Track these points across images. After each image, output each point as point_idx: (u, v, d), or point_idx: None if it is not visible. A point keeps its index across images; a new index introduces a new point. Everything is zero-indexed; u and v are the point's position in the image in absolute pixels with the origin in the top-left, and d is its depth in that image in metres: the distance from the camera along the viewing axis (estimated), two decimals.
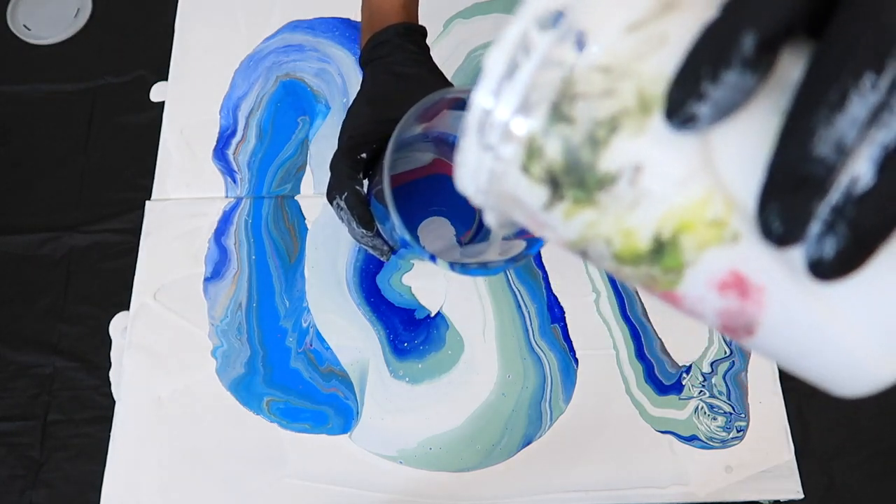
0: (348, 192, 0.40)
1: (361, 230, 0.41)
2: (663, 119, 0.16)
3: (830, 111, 0.14)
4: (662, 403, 0.54)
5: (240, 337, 0.56)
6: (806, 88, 0.14)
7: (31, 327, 0.58)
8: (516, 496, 0.52)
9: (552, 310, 0.57)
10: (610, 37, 0.16)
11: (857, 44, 0.14)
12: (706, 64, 0.15)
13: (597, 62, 0.16)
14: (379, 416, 0.54)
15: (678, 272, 0.17)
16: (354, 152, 0.41)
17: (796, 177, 0.14)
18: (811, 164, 0.14)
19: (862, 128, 0.14)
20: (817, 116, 0.14)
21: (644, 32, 0.16)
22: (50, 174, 0.63)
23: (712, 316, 0.18)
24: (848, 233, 0.14)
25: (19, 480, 0.54)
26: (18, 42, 0.69)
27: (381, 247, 0.43)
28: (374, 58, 0.45)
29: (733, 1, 0.15)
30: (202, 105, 0.64)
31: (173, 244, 0.59)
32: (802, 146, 0.14)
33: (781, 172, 0.15)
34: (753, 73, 0.14)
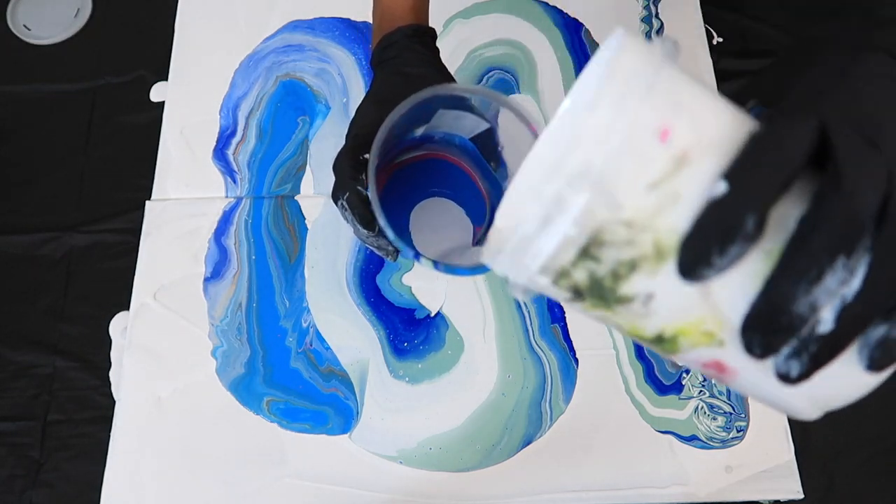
0: (350, 193, 0.40)
1: (365, 231, 0.41)
2: (675, 268, 0.19)
3: (809, 284, 0.18)
4: (662, 403, 0.54)
5: (240, 337, 0.56)
6: (790, 259, 0.18)
7: (31, 327, 0.58)
8: (516, 496, 0.52)
9: (552, 310, 0.57)
10: (634, 196, 0.19)
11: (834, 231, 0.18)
12: (715, 241, 0.18)
13: (622, 218, 0.19)
14: (379, 416, 0.54)
15: (674, 352, 0.22)
16: (357, 152, 0.41)
17: (776, 322, 0.18)
18: (789, 316, 0.18)
19: (832, 294, 0.18)
20: (798, 285, 0.18)
21: (661, 190, 0.19)
22: (50, 174, 0.63)
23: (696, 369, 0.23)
24: (809, 362, 0.19)
25: (19, 480, 0.54)
26: (18, 42, 0.69)
27: (387, 247, 0.43)
28: (383, 59, 0.45)
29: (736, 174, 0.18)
30: (202, 105, 0.64)
31: (173, 244, 0.59)
32: (783, 303, 0.18)
33: (765, 317, 0.19)
34: (753, 241, 0.18)
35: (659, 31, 0.68)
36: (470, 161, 0.47)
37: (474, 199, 0.48)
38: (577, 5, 0.69)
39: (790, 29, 0.70)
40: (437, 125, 0.44)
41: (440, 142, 0.46)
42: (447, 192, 0.48)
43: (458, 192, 0.48)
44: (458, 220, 0.48)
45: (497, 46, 0.67)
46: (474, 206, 0.48)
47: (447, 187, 0.48)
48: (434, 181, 0.48)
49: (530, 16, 0.68)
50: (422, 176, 0.47)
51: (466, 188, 0.48)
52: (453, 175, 0.48)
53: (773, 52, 0.69)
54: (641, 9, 0.69)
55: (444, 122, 0.44)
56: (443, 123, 0.44)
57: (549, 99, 0.64)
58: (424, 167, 0.47)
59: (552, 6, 0.69)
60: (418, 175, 0.47)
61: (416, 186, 0.48)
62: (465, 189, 0.48)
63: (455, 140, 0.46)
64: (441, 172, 0.48)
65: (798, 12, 0.71)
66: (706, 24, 0.69)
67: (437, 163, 0.47)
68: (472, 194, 0.48)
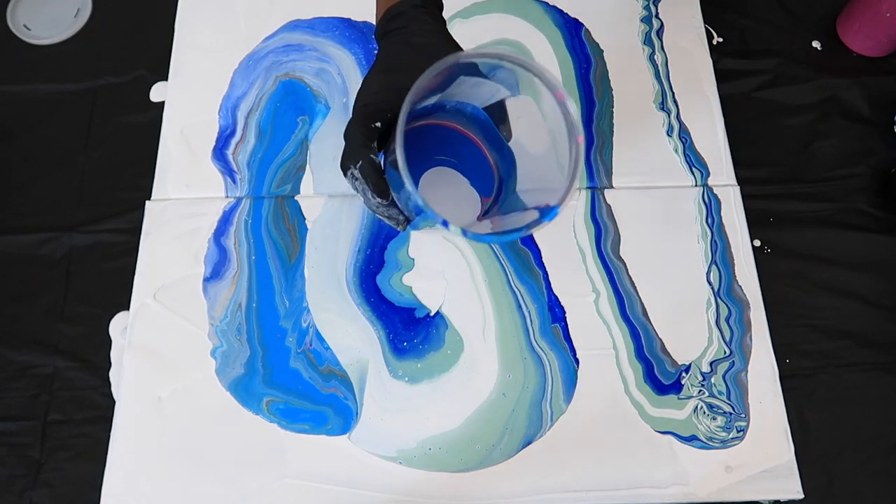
0: (363, 161, 0.40)
1: (377, 200, 0.40)
2: None
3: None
4: (661, 403, 0.54)
5: (239, 337, 0.56)
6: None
7: (31, 327, 0.58)
8: (516, 496, 0.52)
9: (553, 310, 0.57)
10: None
11: None
12: None
13: None
14: (378, 416, 0.54)
15: None
16: (369, 121, 0.41)
17: None
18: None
19: None
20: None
21: None
22: (50, 174, 0.63)
23: None
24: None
25: (19, 480, 0.54)
26: (18, 42, 0.69)
27: (397, 216, 0.42)
28: (389, 30, 0.44)
29: None
30: (202, 105, 0.64)
31: (173, 244, 0.59)
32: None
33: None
34: None
35: (659, 31, 0.68)
36: (479, 131, 0.46)
37: (482, 171, 0.47)
38: (577, 5, 0.69)
39: (790, 29, 0.70)
40: (452, 94, 0.42)
41: (451, 111, 0.45)
42: (454, 162, 0.47)
43: (465, 163, 0.46)
44: (465, 192, 0.47)
45: (497, 46, 0.67)
46: (482, 177, 0.47)
47: (455, 157, 0.47)
48: (442, 150, 0.46)
49: (530, 16, 0.68)
50: (429, 144, 0.46)
51: (475, 159, 0.47)
52: (462, 145, 0.46)
53: (773, 52, 0.69)
54: (641, 9, 0.69)
55: (461, 91, 0.42)
56: (460, 92, 0.42)
57: (549, 99, 0.64)
58: (432, 135, 0.46)
59: (552, 6, 0.69)
60: (426, 143, 0.45)
61: (423, 155, 0.46)
62: (473, 159, 0.47)
63: (467, 109, 0.44)
64: (449, 142, 0.46)
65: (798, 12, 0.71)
66: (706, 24, 0.69)
67: (445, 131, 0.46)
68: (480, 165, 0.47)
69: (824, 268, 0.60)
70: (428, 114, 0.44)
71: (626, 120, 0.64)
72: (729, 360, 0.55)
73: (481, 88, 0.42)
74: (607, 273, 0.58)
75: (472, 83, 0.41)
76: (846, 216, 0.62)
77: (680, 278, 0.58)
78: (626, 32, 0.68)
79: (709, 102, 0.65)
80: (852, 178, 0.64)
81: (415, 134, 0.44)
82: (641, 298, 0.57)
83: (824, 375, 0.57)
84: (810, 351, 0.57)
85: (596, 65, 0.66)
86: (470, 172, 0.47)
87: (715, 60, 0.67)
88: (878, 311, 0.59)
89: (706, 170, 0.62)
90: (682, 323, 0.57)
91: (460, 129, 0.46)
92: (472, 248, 0.59)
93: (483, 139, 0.46)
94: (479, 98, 0.43)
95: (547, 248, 0.59)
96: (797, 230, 0.61)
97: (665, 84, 0.65)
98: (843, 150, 0.65)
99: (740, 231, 0.60)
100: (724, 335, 0.56)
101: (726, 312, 0.57)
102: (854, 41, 0.68)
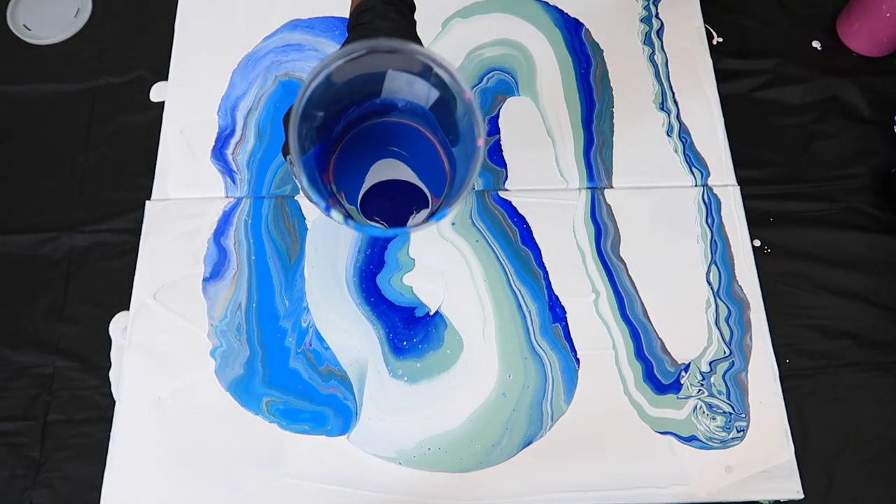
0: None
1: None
2: None
3: None
4: (660, 403, 0.54)
5: (239, 337, 0.56)
6: None
7: (31, 327, 0.58)
8: (516, 496, 0.52)
9: (553, 310, 0.57)
10: None
11: None
12: None
13: None
14: (378, 416, 0.54)
15: None
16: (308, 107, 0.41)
17: None
18: None
19: None
20: None
21: None
22: (50, 174, 0.63)
23: None
24: None
25: (19, 480, 0.54)
26: (18, 42, 0.69)
27: None
28: (357, 24, 0.45)
29: None
30: (202, 105, 0.64)
31: (173, 244, 0.59)
32: None
33: None
34: None
35: (659, 31, 0.68)
36: (432, 131, 0.46)
37: (435, 169, 0.47)
38: (577, 5, 0.69)
39: (790, 29, 0.70)
40: (393, 89, 0.43)
41: (404, 110, 0.45)
42: (406, 157, 0.47)
43: (418, 160, 0.47)
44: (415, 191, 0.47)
45: (496, 46, 0.67)
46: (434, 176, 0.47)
47: (408, 152, 0.47)
48: (395, 143, 0.47)
49: (530, 15, 0.68)
50: (384, 137, 0.46)
51: (428, 157, 0.47)
52: (416, 141, 0.47)
53: (773, 52, 0.69)
54: (641, 9, 0.69)
55: (398, 87, 0.42)
56: (398, 89, 0.43)
57: (549, 99, 0.64)
58: (388, 129, 0.46)
59: (552, 6, 0.69)
60: (381, 136, 0.46)
61: (376, 146, 0.47)
62: (426, 157, 0.47)
63: (418, 109, 0.45)
64: (404, 137, 0.46)
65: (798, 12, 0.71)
66: (706, 24, 0.69)
67: (401, 126, 0.46)
68: (433, 163, 0.47)
69: (824, 268, 0.60)
70: (383, 111, 0.44)
71: (626, 120, 0.64)
72: (728, 360, 0.55)
73: (416, 87, 0.42)
74: (607, 273, 0.58)
75: (403, 80, 0.42)
76: (846, 216, 0.62)
77: (680, 278, 0.58)
78: (626, 32, 0.68)
79: (709, 102, 0.65)
80: (852, 178, 0.64)
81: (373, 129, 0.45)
82: (641, 298, 0.57)
83: (824, 375, 0.57)
84: (810, 351, 0.57)
85: (596, 65, 0.66)
86: (423, 173, 0.47)
87: (715, 60, 0.67)
88: (878, 311, 0.59)
89: (706, 170, 0.62)
90: (682, 323, 0.57)
91: (417, 126, 0.46)
92: (472, 249, 0.59)
93: (437, 139, 0.46)
94: (419, 97, 0.43)
95: (547, 248, 0.59)
96: (797, 230, 0.61)
97: (665, 84, 0.65)
98: (843, 150, 0.65)
99: (740, 231, 0.60)
100: (724, 335, 0.56)
101: (726, 312, 0.57)
102: (854, 41, 0.68)
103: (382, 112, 0.45)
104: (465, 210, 0.60)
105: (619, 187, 0.61)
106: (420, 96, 0.43)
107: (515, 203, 0.60)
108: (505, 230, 0.59)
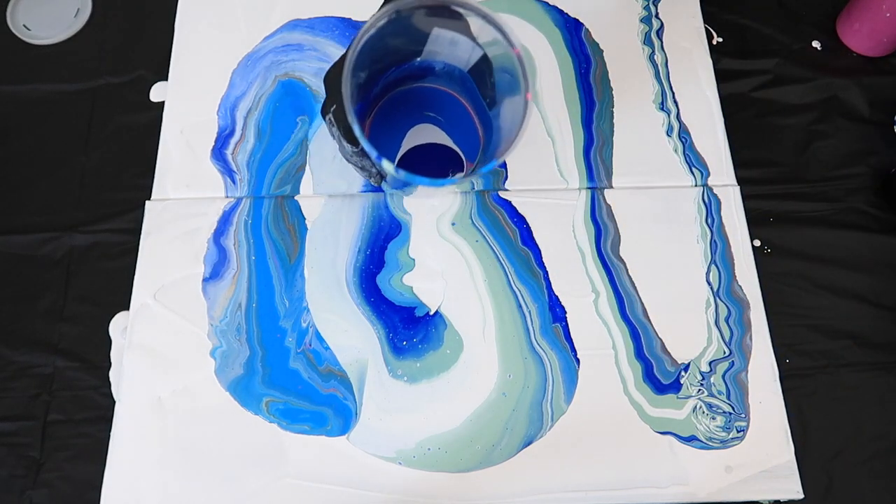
0: (337, 105, 0.40)
1: (350, 146, 0.41)
2: None
3: None
4: (660, 403, 0.54)
5: (239, 337, 0.56)
6: None
7: (31, 327, 0.58)
8: (516, 496, 0.52)
9: (553, 309, 0.57)
10: None
11: None
12: None
13: None
14: (377, 416, 0.54)
15: None
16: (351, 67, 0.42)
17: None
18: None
19: None
20: None
21: None
22: (50, 174, 0.63)
23: None
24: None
25: (19, 480, 0.54)
26: (18, 42, 0.69)
27: (370, 168, 0.43)
28: None
29: None
30: (202, 105, 0.64)
31: (173, 244, 0.59)
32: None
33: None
34: None
35: (659, 31, 0.68)
36: (468, 96, 0.47)
37: (469, 135, 0.47)
38: (577, 5, 0.69)
39: (790, 29, 0.70)
40: (434, 51, 0.43)
41: (441, 74, 0.45)
42: (442, 123, 0.48)
43: (453, 126, 0.47)
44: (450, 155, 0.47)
45: (496, 46, 0.66)
46: (468, 141, 0.47)
47: (443, 117, 0.48)
48: (431, 109, 0.47)
49: (530, 15, 0.68)
50: (420, 102, 0.47)
51: (462, 122, 0.47)
52: (451, 107, 0.47)
53: (773, 52, 0.69)
54: (641, 9, 0.69)
55: (442, 49, 0.42)
56: (441, 50, 0.43)
57: (549, 99, 0.64)
58: (423, 94, 0.46)
59: (552, 6, 0.69)
60: (417, 101, 0.46)
61: (412, 111, 0.47)
62: (460, 123, 0.47)
63: (455, 73, 0.45)
64: (439, 102, 0.47)
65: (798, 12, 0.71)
66: (706, 24, 0.69)
67: (436, 92, 0.47)
68: (467, 129, 0.47)
69: (824, 268, 0.60)
70: (420, 75, 0.44)
71: (626, 120, 0.64)
72: (728, 360, 0.55)
73: (459, 47, 0.42)
74: (607, 273, 0.58)
75: (447, 39, 0.41)
76: (846, 216, 0.62)
77: (680, 278, 0.58)
78: (626, 32, 0.68)
79: (709, 102, 0.65)
80: (852, 178, 0.64)
81: (409, 94, 0.45)
82: (641, 298, 0.57)
83: (824, 375, 0.57)
84: (810, 351, 0.57)
85: (596, 65, 0.66)
86: (458, 137, 0.47)
87: (715, 60, 0.67)
88: (878, 311, 0.59)
89: (706, 170, 0.62)
90: (682, 323, 0.57)
91: (452, 92, 0.46)
92: (472, 249, 0.59)
93: (471, 103, 0.46)
94: (461, 59, 0.43)
95: (547, 248, 0.59)
96: (797, 230, 0.61)
97: (665, 84, 0.65)
98: (843, 150, 0.65)
99: (740, 231, 0.60)
100: (724, 335, 0.56)
101: (726, 312, 0.57)
102: (854, 41, 0.68)
103: (419, 76, 0.45)
104: (465, 210, 0.60)
105: (619, 187, 0.61)
106: (461, 58, 0.43)
107: (515, 203, 0.60)
108: (505, 230, 0.59)
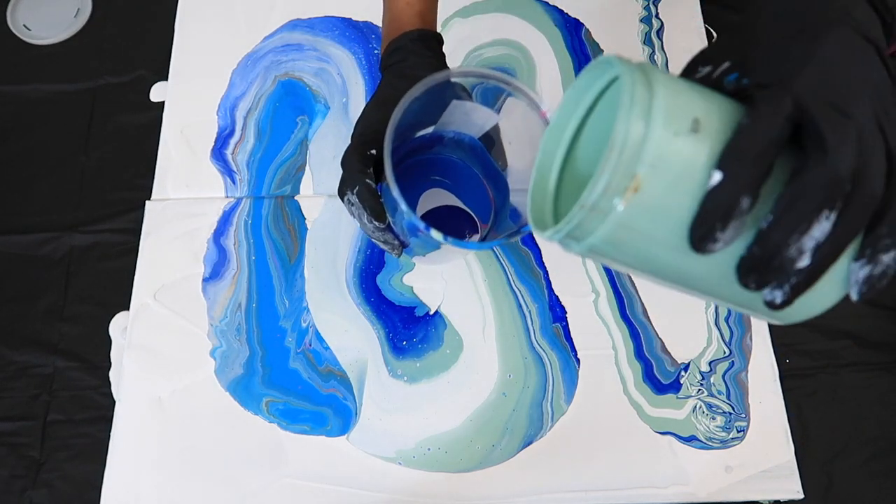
0: (360, 186, 0.41)
1: (374, 224, 0.42)
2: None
3: (800, 234, 0.22)
4: (660, 403, 0.54)
5: (239, 337, 0.56)
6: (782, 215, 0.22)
7: (31, 327, 0.58)
8: (516, 496, 0.52)
9: (554, 309, 0.57)
10: None
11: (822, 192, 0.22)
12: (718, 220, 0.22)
13: None
14: (377, 416, 0.54)
15: None
16: (364, 148, 0.42)
17: (771, 264, 0.23)
18: (780, 260, 0.23)
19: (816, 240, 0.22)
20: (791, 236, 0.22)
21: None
22: (50, 174, 0.63)
23: None
24: (790, 291, 0.23)
25: (19, 480, 0.54)
26: (18, 42, 0.69)
27: (392, 241, 0.44)
28: (389, 64, 0.46)
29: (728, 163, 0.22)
30: (202, 105, 0.64)
31: (173, 244, 0.59)
32: (779, 249, 0.22)
33: (761, 259, 0.23)
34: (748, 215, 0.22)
35: (659, 31, 0.68)
36: (477, 162, 0.48)
37: (480, 200, 0.48)
38: (577, 5, 0.69)
39: None
40: (447, 123, 0.44)
41: (449, 144, 0.46)
42: (450, 185, 0.49)
43: (464, 191, 0.49)
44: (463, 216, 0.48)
45: (496, 46, 0.67)
46: (480, 206, 0.49)
47: (451, 180, 0.49)
48: (438, 174, 0.49)
49: (530, 15, 0.68)
50: (429, 171, 0.48)
51: (474, 188, 0.48)
52: (459, 171, 0.48)
53: None
54: (641, 9, 0.69)
55: (455, 119, 0.44)
56: (455, 120, 0.44)
57: (549, 99, 0.64)
58: (433, 164, 0.48)
59: (552, 6, 0.69)
60: (426, 170, 0.48)
61: (421, 178, 0.48)
62: (472, 188, 0.48)
63: (465, 140, 0.46)
64: (445, 167, 0.48)
65: None
66: (706, 24, 0.69)
67: (446, 161, 0.48)
68: (478, 194, 0.48)
69: None
70: (428, 146, 0.45)
71: None
72: (728, 360, 0.55)
73: (473, 115, 0.44)
74: (607, 273, 0.58)
75: (464, 109, 0.43)
76: None
77: None
78: (626, 32, 0.68)
79: None
80: None
81: (416, 164, 0.46)
82: (641, 298, 0.57)
83: (824, 375, 0.57)
84: (810, 351, 0.57)
85: None
86: (468, 201, 0.48)
87: None
88: (878, 311, 0.59)
89: None
90: (682, 323, 0.57)
91: (460, 159, 0.48)
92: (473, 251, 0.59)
93: (481, 169, 0.48)
94: (473, 127, 0.45)
95: (547, 248, 0.59)
96: None
97: None
98: None
99: None
100: (724, 335, 0.56)
101: (726, 312, 0.57)
102: None
103: (428, 146, 0.46)
104: None
105: None
106: (475, 125, 0.44)
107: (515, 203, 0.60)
108: None
